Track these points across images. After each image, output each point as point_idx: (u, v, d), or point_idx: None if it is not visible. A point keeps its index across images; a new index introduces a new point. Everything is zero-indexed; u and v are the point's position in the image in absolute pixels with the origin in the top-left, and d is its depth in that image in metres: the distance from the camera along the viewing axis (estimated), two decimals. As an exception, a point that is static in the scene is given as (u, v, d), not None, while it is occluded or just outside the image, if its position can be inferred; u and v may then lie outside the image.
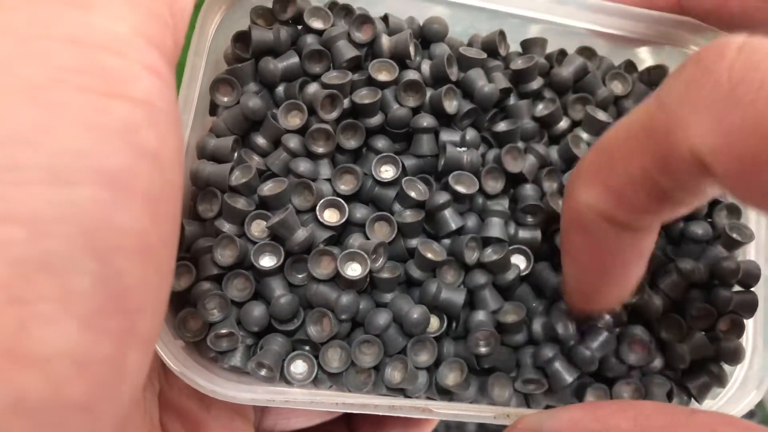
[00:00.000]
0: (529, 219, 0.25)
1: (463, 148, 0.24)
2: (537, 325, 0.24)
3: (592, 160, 0.19)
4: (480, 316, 0.23)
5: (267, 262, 0.23)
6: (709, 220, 0.26)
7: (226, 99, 0.24)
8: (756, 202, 0.16)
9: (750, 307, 0.25)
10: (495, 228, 0.24)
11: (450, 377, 0.23)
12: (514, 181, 0.25)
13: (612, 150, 0.19)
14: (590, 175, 0.19)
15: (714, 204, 0.26)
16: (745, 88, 0.15)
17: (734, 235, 0.25)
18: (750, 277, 0.25)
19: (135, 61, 0.15)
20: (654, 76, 0.27)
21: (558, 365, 0.23)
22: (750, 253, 0.26)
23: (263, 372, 0.22)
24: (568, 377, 0.23)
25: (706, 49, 0.16)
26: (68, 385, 0.13)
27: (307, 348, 0.23)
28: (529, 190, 0.25)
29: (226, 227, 0.23)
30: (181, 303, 0.23)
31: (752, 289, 0.25)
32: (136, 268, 0.14)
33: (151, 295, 0.15)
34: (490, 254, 0.23)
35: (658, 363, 0.24)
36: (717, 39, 0.17)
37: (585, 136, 0.26)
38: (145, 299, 0.15)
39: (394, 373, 0.23)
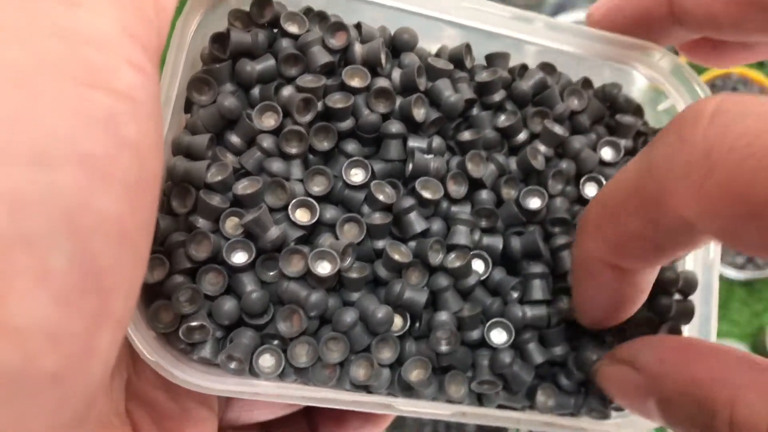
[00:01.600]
0: (483, 222, 0.26)
1: (430, 155, 0.25)
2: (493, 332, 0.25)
3: (594, 214, 0.22)
4: (442, 316, 0.25)
5: (239, 258, 0.24)
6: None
7: (202, 98, 0.25)
8: (748, 252, 0.18)
9: (688, 314, 0.27)
10: (461, 235, 0.25)
11: (414, 374, 0.24)
12: (475, 186, 0.27)
13: (610, 207, 0.21)
14: (593, 228, 0.22)
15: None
16: (717, 153, 0.16)
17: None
18: (689, 286, 0.27)
19: (119, 56, 0.16)
20: (608, 93, 0.29)
21: (516, 369, 0.25)
22: (689, 263, 0.28)
23: (233, 365, 0.23)
24: (527, 377, 0.25)
25: (682, 116, 0.18)
26: (41, 356, 0.14)
27: (276, 342, 0.24)
28: (484, 194, 0.26)
29: (201, 223, 0.24)
30: (154, 295, 0.23)
31: (690, 297, 0.27)
32: (112, 250, 0.15)
33: (125, 278, 0.16)
34: (453, 260, 0.25)
35: None
36: (693, 104, 0.18)
37: (542, 148, 0.28)
38: (119, 281, 0.16)
39: (359, 371, 0.24)
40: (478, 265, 0.26)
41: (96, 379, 0.16)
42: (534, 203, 0.26)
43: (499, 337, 0.25)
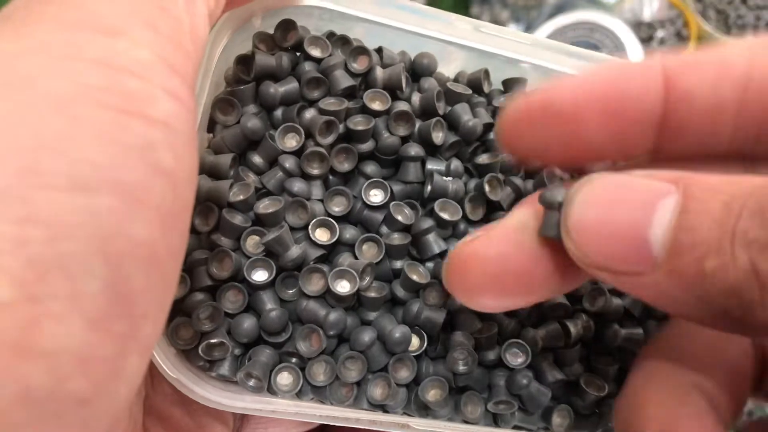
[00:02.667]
0: None
1: (449, 178, 0.26)
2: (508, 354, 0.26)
3: None
4: (459, 336, 0.25)
5: (259, 276, 0.24)
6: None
7: (226, 118, 0.25)
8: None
9: None
10: None
11: (431, 394, 0.24)
12: (492, 208, 0.27)
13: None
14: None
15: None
16: None
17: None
18: None
19: (156, 85, 0.16)
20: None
21: (533, 390, 0.25)
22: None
23: (252, 382, 0.23)
24: (544, 399, 0.25)
25: None
26: (70, 379, 0.14)
27: (294, 360, 0.24)
28: (501, 215, 0.27)
29: (223, 241, 0.24)
30: (175, 312, 0.24)
31: None
32: (144, 276, 0.15)
33: (155, 303, 0.16)
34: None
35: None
36: None
37: (558, 171, 0.28)
38: (149, 306, 0.16)
39: (376, 390, 0.24)
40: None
41: (122, 402, 0.16)
42: None
43: (515, 358, 0.25)
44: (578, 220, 0.16)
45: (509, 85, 0.29)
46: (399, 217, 0.25)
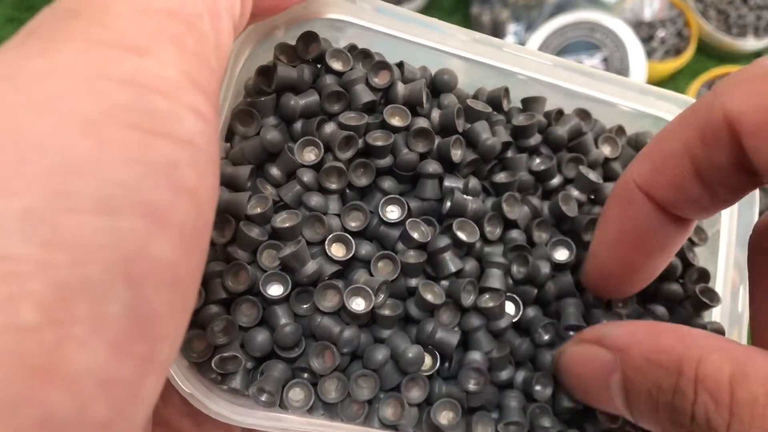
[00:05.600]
0: (517, 269, 0.26)
1: (469, 197, 0.26)
2: (519, 377, 0.25)
3: (649, 144, 0.23)
4: (473, 355, 0.25)
5: (275, 291, 0.24)
6: (681, 281, 0.28)
7: (245, 129, 0.25)
8: None
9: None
10: (495, 279, 0.25)
11: (443, 415, 0.24)
12: (508, 227, 0.27)
13: (664, 132, 0.22)
14: (642, 155, 0.23)
15: (687, 268, 0.28)
16: None
17: (704, 298, 0.27)
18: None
19: (181, 103, 0.16)
20: (640, 142, 0.30)
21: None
22: (716, 315, 0.28)
23: (264, 397, 0.23)
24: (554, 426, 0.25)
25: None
26: (92, 404, 0.14)
27: (306, 376, 0.24)
28: (515, 234, 0.27)
29: (239, 254, 0.24)
30: (188, 324, 0.23)
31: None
32: (163, 297, 0.15)
33: (174, 325, 0.16)
34: (487, 300, 0.25)
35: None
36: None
37: (575, 193, 0.28)
38: (168, 328, 0.16)
39: (388, 410, 0.24)
40: (509, 307, 0.26)
41: (138, 425, 0.16)
42: (561, 255, 0.27)
43: (545, 389, 0.25)
44: (566, 375, 0.25)
45: (528, 103, 0.29)
46: (415, 235, 0.25)
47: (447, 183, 0.26)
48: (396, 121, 0.26)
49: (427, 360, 0.25)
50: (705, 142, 0.20)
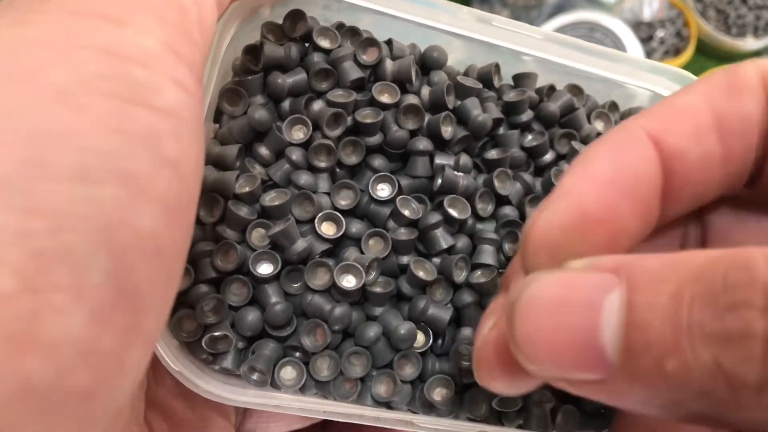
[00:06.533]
0: (507, 243, 0.26)
1: (460, 173, 0.25)
2: None
3: (657, 103, 0.19)
4: (466, 332, 0.25)
5: (264, 269, 0.24)
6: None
7: (233, 108, 0.25)
8: None
9: None
10: (487, 255, 0.25)
11: (436, 392, 0.24)
12: (500, 203, 0.27)
13: (676, 93, 0.19)
14: (651, 108, 0.18)
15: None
16: None
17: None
18: None
19: (162, 74, 0.16)
20: (633, 117, 0.29)
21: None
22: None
23: (255, 376, 0.23)
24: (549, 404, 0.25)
25: None
26: (72, 373, 0.14)
27: (298, 355, 0.24)
28: (508, 210, 0.26)
29: (228, 233, 0.24)
30: (178, 304, 0.23)
31: None
32: (147, 268, 0.15)
33: (158, 296, 0.16)
34: (479, 276, 0.25)
35: None
36: None
37: (568, 169, 0.28)
38: (152, 299, 0.16)
39: (381, 387, 0.24)
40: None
41: (124, 396, 0.16)
42: None
43: None
44: (524, 333, 0.15)
45: (519, 79, 0.29)
46: (406, 212, 0.25)
47: (438, 160, 0.26)
48: (385, 98, 0.25)
49: (420, 337, 0.25)
50: (731, 92, 0.17)
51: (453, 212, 0.25)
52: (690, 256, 0.13)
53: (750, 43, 0.84)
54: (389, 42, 0.27)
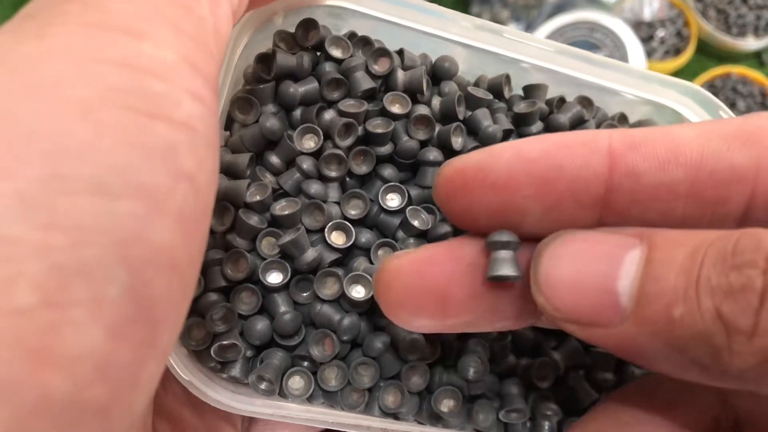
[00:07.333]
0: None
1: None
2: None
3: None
4: (473, 344, 0.25)
5: (274, 278, 0.24)
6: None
7: (244, 117, 0.25)
8: None
9: None
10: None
11: (444, 403, 0.24)
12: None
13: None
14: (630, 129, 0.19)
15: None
16: None
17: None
18: None
19: (179, 87, 0.16)
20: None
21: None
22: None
23: (263, 385, 0.23)
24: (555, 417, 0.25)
25: None
26: (89, 386, 0.14)
27: (306, 364, 0.24)
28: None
29: (238, 242, 0.24)
30: (188, 312, 0.23)
31: None
32: (164, 282, 0.15)
33: (173, 310, 0.16)
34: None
35: None
36: None
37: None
38: (167, 313, 0.16)
39: (388, 398, 0.24)
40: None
41: (139, 410, 0.16)
42: None
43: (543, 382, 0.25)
44: (548, 274, 0.17)
45: (529, 91, 0.29)
46: (415, 222, 0.25)
47: (448, 171, 0.26)
48: (396, 109, 0.25)
49: (428, 348, 0.25)
50: (730, 140, 0.17)
51: (462, 224, 0.25)
52: (707, 230, 0.16)
53: (750, 42, 0.84)
54: (401, 52, 0.27)
